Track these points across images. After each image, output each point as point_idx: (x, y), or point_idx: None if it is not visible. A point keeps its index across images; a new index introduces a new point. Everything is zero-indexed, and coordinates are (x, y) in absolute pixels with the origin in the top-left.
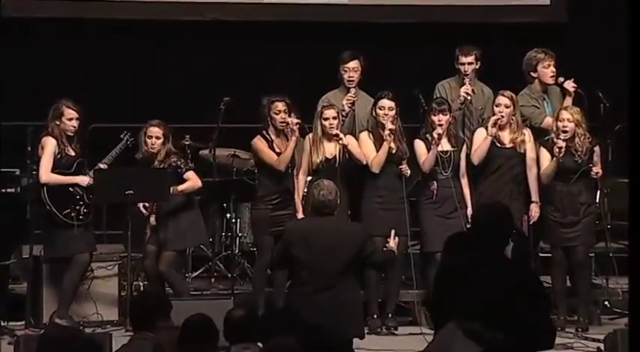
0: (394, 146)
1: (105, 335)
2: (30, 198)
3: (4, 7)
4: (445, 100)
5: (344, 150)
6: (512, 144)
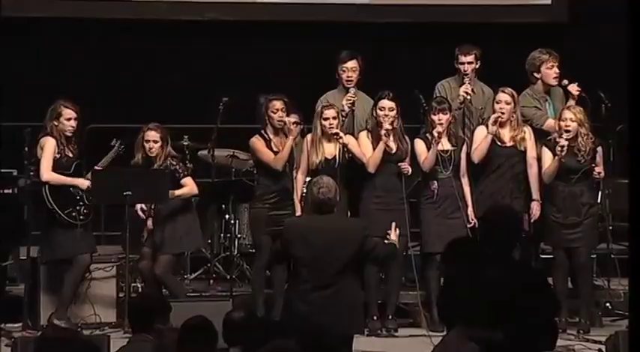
0: (393, 146)
1: (103, 337)
2: (29, 200)
3: (4, 7)
4: (445, 99)
5: (344, 149)
6: (513, 142)
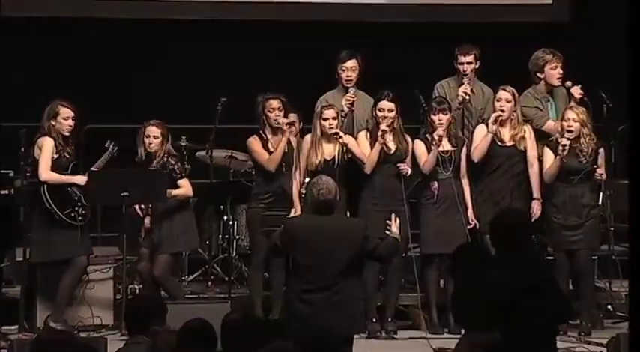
0: (393, 146)
1: (100, 339)
2: (26, 200)
3: (4, 7)
4: (445, 99)
5: (343, 150)
6: (513, 141)
